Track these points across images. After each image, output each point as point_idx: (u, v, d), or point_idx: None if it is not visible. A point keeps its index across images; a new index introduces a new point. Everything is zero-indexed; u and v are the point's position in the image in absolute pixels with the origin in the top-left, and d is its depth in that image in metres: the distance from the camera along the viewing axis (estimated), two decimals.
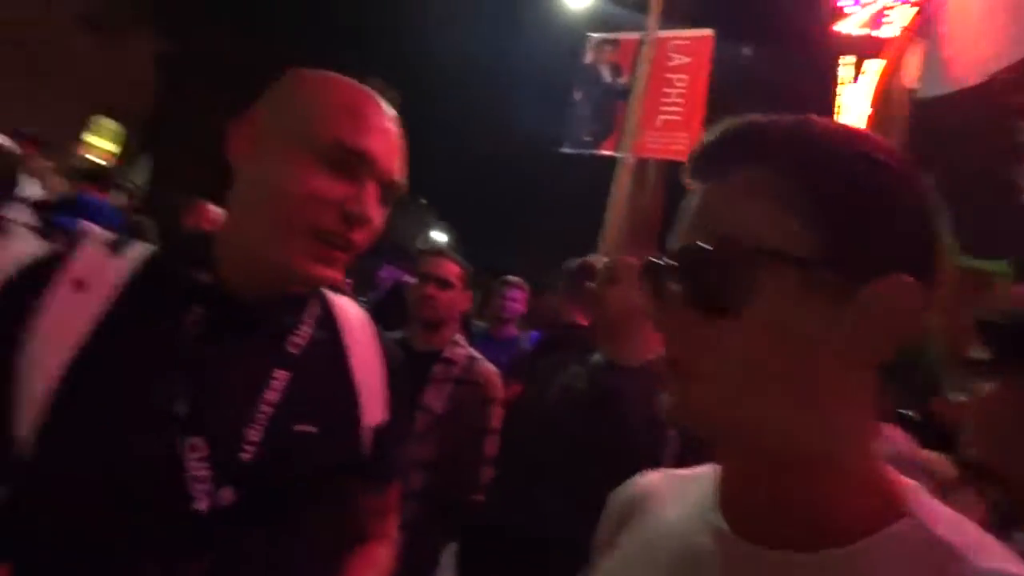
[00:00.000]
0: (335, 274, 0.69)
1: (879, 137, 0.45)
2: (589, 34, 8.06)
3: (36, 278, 0.66)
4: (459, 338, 2.11)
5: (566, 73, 8.21)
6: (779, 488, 0.43)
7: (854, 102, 6.34)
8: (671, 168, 8.04)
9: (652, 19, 6.48)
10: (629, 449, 1.34)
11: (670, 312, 0.44)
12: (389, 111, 0.73)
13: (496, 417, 1.99)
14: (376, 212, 0.69)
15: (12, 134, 3.74)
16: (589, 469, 1.33)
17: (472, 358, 2.04)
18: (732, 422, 0.42)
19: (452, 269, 2.05)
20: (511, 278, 3.44)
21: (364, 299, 3.88)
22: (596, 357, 1.67)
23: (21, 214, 1.80)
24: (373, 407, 0.79)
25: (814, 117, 0.45)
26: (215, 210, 3.42)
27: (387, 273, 5.01)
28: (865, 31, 6.26)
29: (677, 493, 0.54)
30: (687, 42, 6.43)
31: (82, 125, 15.83)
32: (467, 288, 2.10)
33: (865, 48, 6.34)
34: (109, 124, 16.60)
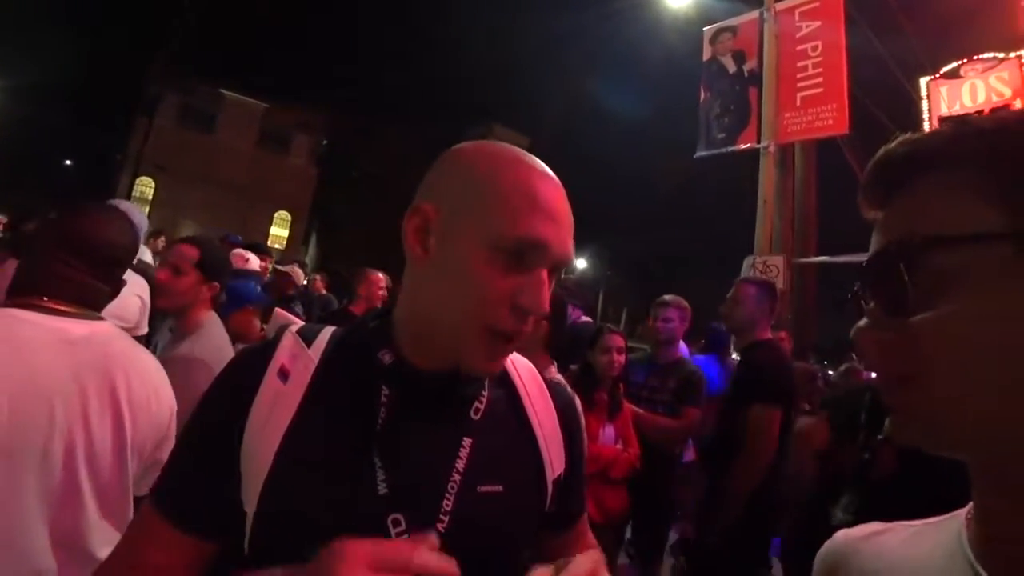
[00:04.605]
0: (502, 364, 0.71)
1: None
2: (703, 29, 7.60)
3: (253, 370, 0.70)
4: (551, 369, 2.03)
5: (692, 80, 7.78)
6: None
7: None
8: (821, 149, 7.13)
9: None
10: None
11: (880, 329, 0.45)
12: (556, 180, 0.69)
13: None
14: (547, 299, 0.66)
15: (220, 240, 4.48)
16: None
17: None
18: (981, 423, 0.41)
19: None
20: (666, 297, 3.34)
21: None
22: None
23: None
24: (554, 457, 0.79)
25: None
26: (383, 277, 3.94)
27: None
28: None
29: (904, 547, 0.52)
30: (815, 4, 5.65)
31: (268, 221, 18.85)
32: None
33: None
34: (283, 215, 19.48)
